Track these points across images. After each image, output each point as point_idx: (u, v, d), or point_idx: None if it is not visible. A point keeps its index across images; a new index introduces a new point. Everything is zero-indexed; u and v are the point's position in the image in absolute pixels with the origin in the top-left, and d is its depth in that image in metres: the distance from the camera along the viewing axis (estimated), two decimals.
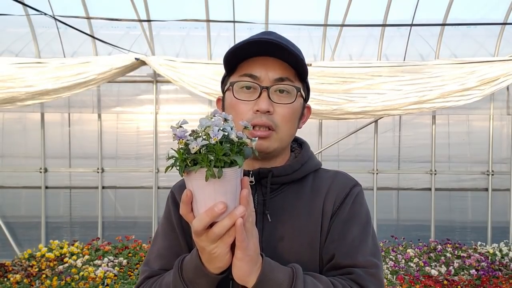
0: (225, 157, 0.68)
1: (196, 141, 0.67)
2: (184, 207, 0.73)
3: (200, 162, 0.67)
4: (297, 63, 0.91)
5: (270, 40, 0.87)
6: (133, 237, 4.66)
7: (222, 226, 0.71)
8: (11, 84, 4.27)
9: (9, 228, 5.02)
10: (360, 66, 4.37)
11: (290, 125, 0.93)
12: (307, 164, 0.99)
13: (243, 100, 0.91)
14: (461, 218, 5.12)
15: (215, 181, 0.68)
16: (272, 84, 0.90)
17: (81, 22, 4.50)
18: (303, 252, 0.91)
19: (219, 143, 0.67)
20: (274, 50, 0.88)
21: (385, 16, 4.55)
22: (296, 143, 1.08)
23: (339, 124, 4.97)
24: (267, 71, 0.90)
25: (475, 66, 4.23)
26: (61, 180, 5.10)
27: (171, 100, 5.08)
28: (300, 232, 0.92)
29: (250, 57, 0.91)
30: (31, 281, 3.81)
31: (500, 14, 4.64)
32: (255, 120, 0.89)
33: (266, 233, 0.91)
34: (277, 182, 0.94)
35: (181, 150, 0.69)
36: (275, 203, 0.94)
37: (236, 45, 0.89)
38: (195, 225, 0.71)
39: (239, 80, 0.91)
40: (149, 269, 0.97)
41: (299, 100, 0.94)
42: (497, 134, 5.04)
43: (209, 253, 0.74)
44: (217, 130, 0.68)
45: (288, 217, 0.93)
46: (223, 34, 5.12)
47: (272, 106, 0.89)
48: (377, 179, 4.99)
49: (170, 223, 0.99)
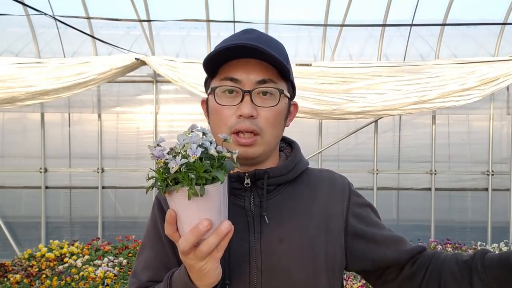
0: (206, 173, 0.66)
1: (174, 160, 0.65)
2: (169, 227, 0.71)
3: (181, 181, 0.66)
4: (279, 65, 0.87)
5: (247, 45, 0.84)
6: (133, 237, 4.65)
7: (209, 244, 0.69)
8: (11, 84, 4.27)
9: (9, 228, 5.02)
10: (360, 66, 4.37)
11: (275, 128, 0.91)
12: (300, 164, 0.98)
13: (225, 105, 0.89)
14: (461, 218, 5.12)
15: (198, 199, 0.66)
16: (254, 87, 0.87)
17: (81, 22, 4.50)
18: (303, 254, 0.89)
19: (198, 160, 0.66)
20: (253, 53, 0.86)
21: (385, 16, 4.55)
22: (284, 142, 1.05)
23: (339, 124, 4.96)
24: (249, 74, 0.87)
25: (475, 66, 4.23)
26: (61, 180, 5.09)
27: (171, 100, 5.08)
28: (300, 233, 0.91)
29: (230, 60, 0.89)
30: (31, 281, 3.81)
31: (500, 14, 4.64)
32: (239, 126, 0.87)
33: (265, 236, 0.89)
34: (273, 183, 0.93)
35: (161, 170, 0.68)
36: (272, 205, 0.92)
37: (214, 51, 0.87)
38: (182, 245, 0.70)
39: (220, 84, 0.89)
40: (137, 281, 0.95)
41: (283, 101, 0.92)
42: (497, 134, 5.04)
43: (199, 271, 0.73)
44: (196, 147, 0.66)
45: (287, 218, 0.92)
46: (223, 34, 5.11)
47: (255, 110, 0.87)
48: (377, 179, 4.99)
49: (157, 231, 0.96)
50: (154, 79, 4.91)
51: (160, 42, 5.09)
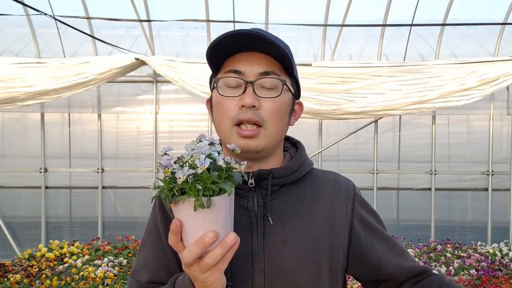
0: (214, 185, 0.65)
1: (182, 170, 0.64)
2: (173, 237, 0.71)
3: (187, 191, 0.65)
4: (282, 57, 0.87)
5: (251, 32, 0.83)
6: (133, 237, 4.66)
7: (215, 256, 0.68)
8: (11, 84, 4.27)
9: (9, 228, 5.02)
10: (360, 66, 4.37)
11: (278, 120, 0.90)
12: (305, 164, 0.97)
13: (228, 96, 0.88)
14: (461, 218, 5.12)
15: (204, 210, 0.65)
16: (257, 78, 0.87)
17: (81, 22, 4.50)
18: (306, 255, 0.89)
19: (206, 171, 0.65)
20: (256, 44, 0.85)
21: (385, 16, 4.55)
22: (289, 142, 1.04)
23: (339, 124, 4.97)
24: (252, 66, 0.87)
25: (475, 66, 4.23)
26: (61, 180, 5.10)
27: (171, 100, 5.08)
28: (304, 234, 0.90)
29: (234, 53, 0.88)
30: (31, 281, 3.81)
31: (500, 14, 4.64)
32: (241, 116, 0.86)
33: (268, 236, 0.88)
34: (277, 183, 0.92)
35: (167, 179, 0.67)
36: (276, 205, 0.91)
37: (216, 39, 0.86)
38: (186, 257, 0.69)
39: (223, 76, 0.89)
40: (137, 282, 0.94)
41: (287, 94, 0.91)
42: (497, 134, 5.04)
43: (203, 282, 0.72)
44: (204, 158, 0.65)
45: (290, 219, 0.91)
46: None
47: (258, 101, 0.86)
48: (377, 179, 4.99)
49: (157, 231, 0.95)
50: (154, 79, 4.91)
51: (160, 42, 5.09)
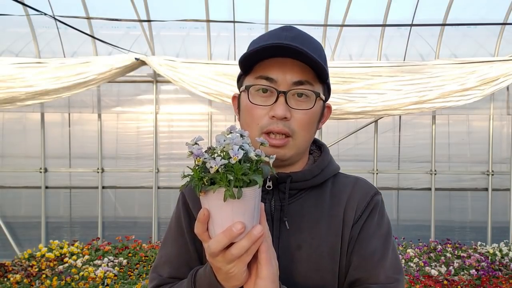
0: (244, 176, 0.66)
1: (214, 160, 0.65)
2: (199, 226, 0.70)
3: (218, 181, 0.65)
4: (315, 64, 0.84)
5: (285, 45, 0.81)
6: (133, 237, 4.66)
7: (241, 247, 0.68)
8: (11, 84, 4.27)
9: (9, 228, 5.03)
10: (360, 66, 4.37)
11: (307, 131, 0.89)
12: (327, 169, 0.94)
13: (258, 105, 0.86)
14: (461, 218, 5.12)
15: (234, 201, 0.66)
16: (290, 88, 0.85)
17: (81, 22, 4.50)
18: (322, 262, 0.87)
19: (238, 162, 0.65)
20: (292, 52, 0.83)
21: (385, 16, 4.55)
22: (315, 145, 1.02)
23: (339, 124, 4.97)
24: (285, 74, 0.84)
25: (475, 66, 4.23)
26: (61, 180, 5.10)
27: (171, 100, 5.08)
28: (320, 241, 0.88)
29: (266, 58, 0.86)
30: (31, 281, 3.81)
31: (500, 14, 4.64)
32: (271, 127, 0.84)
33: (283, 241, 0.87)
34: (295, 187, 0.90)
35: (198, 169, 0.67)
36: (293, 210, 0.89)
37: (251, 51, 0.84)
38: (212, 247, 0.68)
39: (254, 83, 0.86)
40: (158, 276, 0.94)
41: (319, 104, 0.89)
42: (497, 134, 5.04)
43: (226, 273, 0.71)
44: (237, 149, 0.66)
45: (307, 224, 0.89)
46: (223, 34, 5.12)
47: (289, 112, 0.85)
48: (377, 179, 5.00)
49: (180, 227, 0.96)
50: (154, 79, 4.91)
51: (160, 42, 5.09)
